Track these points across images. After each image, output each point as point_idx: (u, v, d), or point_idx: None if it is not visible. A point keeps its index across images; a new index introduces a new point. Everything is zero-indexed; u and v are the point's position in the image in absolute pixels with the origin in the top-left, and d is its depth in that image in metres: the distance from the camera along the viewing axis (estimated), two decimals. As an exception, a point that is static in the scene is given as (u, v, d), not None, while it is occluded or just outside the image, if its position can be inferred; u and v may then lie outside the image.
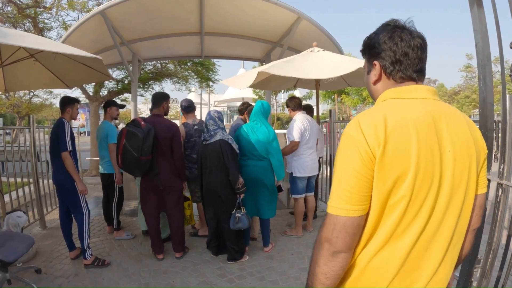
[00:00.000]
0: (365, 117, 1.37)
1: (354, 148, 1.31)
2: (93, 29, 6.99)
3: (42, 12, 11.15)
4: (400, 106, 1.40)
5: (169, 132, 4.85)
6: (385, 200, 1.31)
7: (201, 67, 14.32)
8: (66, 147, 4.59)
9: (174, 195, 5.04)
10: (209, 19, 7.67)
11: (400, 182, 1.29)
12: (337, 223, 1.32)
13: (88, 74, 5.62)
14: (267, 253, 5.29)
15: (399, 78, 1.47)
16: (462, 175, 1.38)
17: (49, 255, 5.25)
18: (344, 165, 1.33)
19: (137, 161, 4.59)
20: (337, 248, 1.33)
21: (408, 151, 1.28)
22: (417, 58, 1.45)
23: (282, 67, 5.53)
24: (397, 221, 1.32)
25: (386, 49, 1.46)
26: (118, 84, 13.42)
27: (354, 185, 1.30)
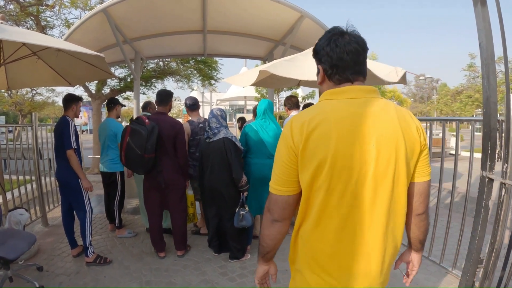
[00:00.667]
0: (297, 116, 1.66)
1: (284, 143, 1.65)
2: (96, 27, 6.98)
3: (44, 10, 11.18)
4: (329, 106, 1.63)
5: (173, 130, 4.84)
6: (309, 186, 1.60)
7: (204, 65, 14.30)
8: (70, 144, 4.59)
9: (177, 193, 5.02)
10: (211, 17, 7.65)
11: (319, 172, 1.56)
12: (272, 199, 1.73)
13: (91, 72, 5.60)
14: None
15: (336, 80, 1.67)
16: (387, 166, 1.56)
17: (51, 252, 5.25)
18: (276, 156, 1.71)
19: (141, 159, 4.59)
20: (274, 217, 1.74)
21: (326, 145, 1.53)
22: (352, 61, 1.63)
23: (284, 66, 5.47)
24: (322, 204, 1.59)
25: (324, 55, 1.67)
26: (120, 82, 13.40)
27: (283, 171, 1.67)
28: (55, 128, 4.88)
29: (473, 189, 4.14)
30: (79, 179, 4.75)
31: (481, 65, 3.35)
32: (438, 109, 31.04)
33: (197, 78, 15.62)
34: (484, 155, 3.41)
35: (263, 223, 1.81)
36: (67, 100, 4.90)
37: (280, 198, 1.70)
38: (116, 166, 5.90)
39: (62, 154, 4.69)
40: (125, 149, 4.67)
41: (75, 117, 4.96)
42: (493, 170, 3.39)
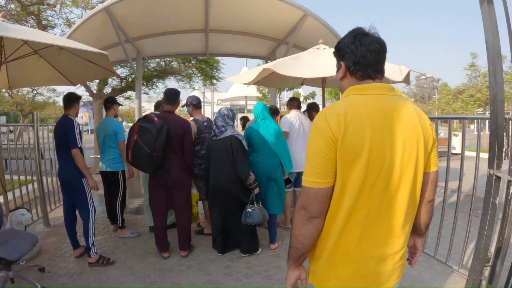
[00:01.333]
0: (330, 109, 1.68)
1: (321, 134, 1.64)
2: (98, 26, 6.95)
3: (45, 9, 11.15)
4: (359, 101, 1.70)
5: (181, 129, 4.83)
6: (347, 177, 1.62)
7: (205, 64, 14.28)
8: (76, 143, 4.56)
9: (183, 193, 5.00)
10: (214, 17, 7.62)
11: (356, 162, 1.60)
12: (310, 194, 1.67)
13: (93, 71, 5.58)
14: (274, 251, 5.25)
15: (359, 76, 1.77)
16: (410, 157, 1.69)
17: (53, 253, 5.21)
18: (314, 149, 1.67)
19: (149, 157, 4.56)
20: (311, 213, 1.68)
21: (363, 138, 1.59)
22: (374, 60, 1.75)
23: (288, 65, 5.43)
24: (357, 195, 1.63)
25: (348, 52, 1.76)
26: (122, 81, 13.38)
27: (322, 163, 1.63)
28: (56, 127, 4.84)
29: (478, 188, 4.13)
30: (83, 178, 4.72)
31: (487, 63, 3.33)
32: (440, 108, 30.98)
33: (198, 78, 15.60)
34: (491, 153, 3.38)
35: (296, 223, 1.74)
36: (69, 99, 4.86)
37: (321, 191, 1.66)
38: (118, 165, 5.88)
39: (64, 153, 4.67)
40: (133, 147, 4.62)
41: (76, 116, 4.93)
42: (500, 168, 3.36)
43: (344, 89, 1.84)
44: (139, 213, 7.05)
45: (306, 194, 1.69)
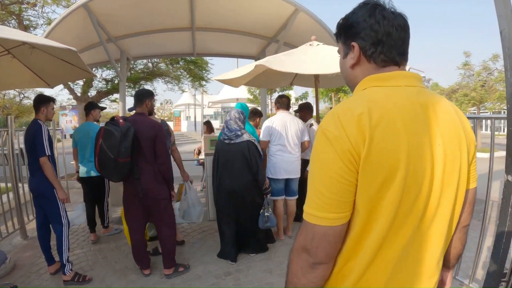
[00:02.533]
0: (344, 109, 1.21)
1: (334, 147, 1.15)
2: (77, 24, 6.58)
3: (26, 9, 10.81)
4: (384, 95, 1.24)
5: (151, 131, 4.34)
6: (372, 204, 1.16)
7: (194, 65, 14.00)
8: (44, 151, 4.16)
9: (159, 205, 4.49)
10: (200, 13, 7.26)
11: (388, 184, 1.14)
12: (316, 233, 1.19)
13: (69, 72, 5.22)
14: (266, 266, 4.85)
15: (381, 61, 1.32)
16: (453, 170, 1.26)
17: (28, 269, 4.81)
18: (323, 168, 1.18)
19: (114, 164, 4.11)
20: (317, 259, 1.21)
21: (397, 148, 1.14)
22: (401, 39, 1.31)
23: (281, 61, 5.18)
24: (386, 227, 1.17)
25: (366, 27, 1.30)
26: (107, 84, 13.16)
27: (336, 191, 1.15)
28: (26, 133, 4.45)
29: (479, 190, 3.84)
30: (54, 188, 4.32)
31: (503, 55, 3.03)
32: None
33: (187, 79, 15.33)
34: (509, 157, 3.04)
35: (294, 270, 1.29)
36: (35, 101, 4.49)
37: (332, 230, 1.17)
38: None
39: (35, 162, 4.28)
40: (98, 152, 4.20)
41: (47, 120, 4.57)
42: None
43: (355, 81, 1.39)
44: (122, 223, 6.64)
45: (310, 233, 1.20)
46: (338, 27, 1.43)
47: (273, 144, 5.59)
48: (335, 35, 1.47)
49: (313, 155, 1.23)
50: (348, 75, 1.43)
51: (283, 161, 5.55)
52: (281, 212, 5.74)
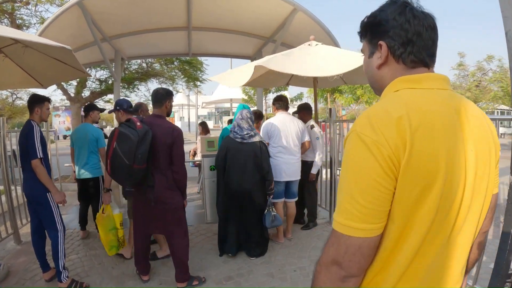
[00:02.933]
0: (380, 112, 1.14)
1: (373, 152, 1.07)
2: (71, 22, 6.42)
3: (19, 8, 10.62)
4: (419, 98, 1.18)
5: (169, 137, 4.01)
6: (410, 213, 1.10)
7: (189, 66, 13.86)
8: (36, 154, 3.98)
9: (174, 215, 4.18)
10: (196, 12, 7.11)
11: (427, 191, 1.08)
12: (350, 245, 1.10)
13: (63, 71, 5.08)
14: (267, 270, 4.74)
15: (410, 61, 1.26)
16: (483, 176, 1.21)
17: (22, 275, 4.65)
18: (360, 175, 1.09)
19: (128, 170, 3.74)
20: (350, 272, 1.12)
21: (436, 154, 1.08)
22: (431, 39, 1.26)
23: (281, 62, 5.07)
24: (423, 235, 1.12)
25: (396, 26, 1.25)
26: (101, 84, 12.99)
27: (373, 199, 1.07)
28: (20, 134, 4.27)
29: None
30: (48, 192, 4.14)
31: (508, 57, 2.95)
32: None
33: (181, 80, 15.19)
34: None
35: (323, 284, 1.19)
36: (29, 101, 4.34)
37: (368, 242, 1.10)
38: (99, 171, 5.70)
39: (27, 165, 4.10)
40: (111, 156, 3.83)
41: (42, 121, 4.44)
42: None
43: (382, 82, 1.34)
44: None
45: (343, 246, 1.11)
46: (363, 25, 1.38)
47: (273, 145, 5.49)
48: (359, 33, 1.41)
49: (346, 161, 1.15)
50: (374, 75, 1.37)
51: (284, 163, 5.46)
52: (281, 215, 5.62)
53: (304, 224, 6.37)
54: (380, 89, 1.36)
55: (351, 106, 19.04)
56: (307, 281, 4.41)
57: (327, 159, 6.75)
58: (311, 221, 6.31)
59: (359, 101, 16.81)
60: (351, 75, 7.00)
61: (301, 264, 4.85)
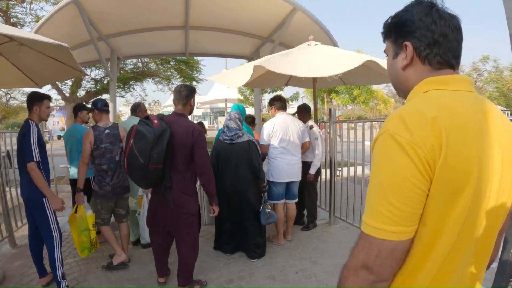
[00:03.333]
0: (412, 113, 1.11)
1: (408, 153, 1.04)
2: (67, 20, 6.33)
3: (14, 6, 10.50)
4: (450, 100, 1.16)
5: (189, 137, 3.81)
6: (443, 215, 1.07)
7: (185, 65, 13.79)
8: (31, 156, 3.77)
9: (186, 220, 3.98)
10: (195, 11, 7.05)
11: (459, 194, 1.06)
12: (383, 249, 1.07)
13: (59, 70, 4.97)
14: (268, 272, 4.65)
15: (436, 63, 1.24)
16: (508, 179, 1.18)
17: (18, 280, 4.52)
18: (395, 176, 1.05)
19: (144, 170, 3.60)
20: (380, 277, 1.09)
21: (469, 156, 1.06)
22: (456, 41, 1.24)
23: (280, 62, 5.02)
24: (454, 239, 1.10)
25: (422, 27, 1.23)
26: (96, 84, 12.90)
27: (409, 201, 1.04)
28: (18, 134, 4.05)
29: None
30: (44, 197, 3.94)
31: None
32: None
33: (177, 80, 15.13)
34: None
35: None
36: (28, 99, 4.14)
37: (401, 245, 1.07)
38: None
39: (23, 167, 3.89)
40: (128, 155, 3.68)
41: (41, 120, 4.24)
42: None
43: (407, 83, 1.31)
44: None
45: (375, 250, 1.08)
46: (387, 25, 1.37)
47: (274, 146, 5.41)
48: (383, 34, 1.40)
49: (378, 162, 1.11)
50: (399, 76, 1.35)
51: (285, 164, 5.39)
52: (281, 216, 5.56)
53: (303, 225, 6.30)
54: (405, 91, 1.34)
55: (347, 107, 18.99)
56: (309, 283, 4.36)
57: (326, 160, 6.68)
58: (311, 222, 6.26)
59: (356, 102, 16.76)
60: (350, 75, 6.96)
61: (302, 266, 4.78)
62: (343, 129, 6.82)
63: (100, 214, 4.76)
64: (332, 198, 6.38)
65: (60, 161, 8.58)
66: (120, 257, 4.79)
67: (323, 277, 4.46)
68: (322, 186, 6.98)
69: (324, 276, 4.49)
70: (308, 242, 5.63)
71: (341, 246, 5.38)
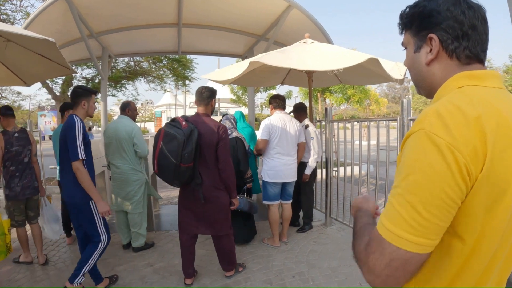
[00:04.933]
0: (452, 110, 0.97)
1: (446, 157, 0.91)
2: (57, 17, 6.14)
3: (4, 2, 10.36)
4: (489, 97, 1.02)
5: (214, 136, 4.07)
6: (481, 228, 0.96)
7: (178, 64, 13.65)
8: (77, 155, 3.66)
9: (220, 212, 4.25)
10: (188, 8, 6.89)
11: (498, 203, 0.94)
12: (396, 259, 0.95)
13: (47, 67, 4.83)
14: (265, 277, 4.52)
15: (465, 57, 1.12)
16: None
17: (6, 286, 4.37)
18: (426, 183, 0.92)
19: (176, 169, 3.82)
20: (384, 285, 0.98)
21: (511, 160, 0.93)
22: (485, 33, 1.13)
23: (277, 57, 4.93)
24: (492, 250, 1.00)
25: (449, 17, 1.11)
26: (88, 83, 12.76)
27: (438, 213, 0.92)
28: (61, 130, 3.91)
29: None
30: (90, 200, 3.82)
31: None
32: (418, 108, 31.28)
33: (170, 79, 15.00)
34: None
35: None
36: (75, 94, 4.02)
37: (417, 258, 0.96)
38: None
39: (67, 166, 3.78)
40: (158, 156, 3.90)
41: (87, 116, 4.13)
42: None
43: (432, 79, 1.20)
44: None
45: (387, 257, 0.97)
46: (408, 15, 1.24)
47: (272, 146, 5.31)
48: (401, 25, 1.28)
49: (409, 163, 0.99)
50: (423, 72, 1.22)
51: (281, 164, 5.29)
52: (277, 218, 5.48)
53: (299, 226, 6.18)
54: (428, 88, 1.24)
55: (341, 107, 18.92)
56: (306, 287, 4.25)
57: (322, 160, 6.57)
58: (307, 224, 6.16)
59: (350, 101, 16.69)
60: (346, 74, 6.87)
61: (299, 270, 4.66)
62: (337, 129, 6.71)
63: (14, 216, 4.76)
64: (328, 199, 6.27)
65: (50, 162, 8.41)
66: (27, 258, 4.93)
67: (321, 281, 4.34)
68: (318, 187, 6.87)
69: (321, 279, 4.38)
70: (304, 244, 5.51)
71: (339, 248, 5.28)
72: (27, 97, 27.74)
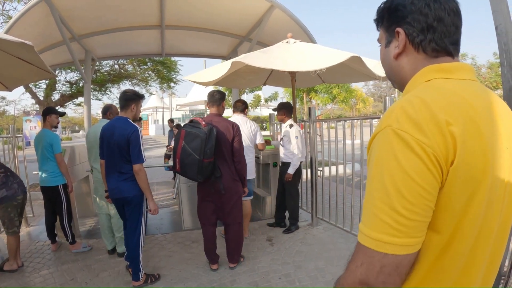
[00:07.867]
0: (418, 105, 0.97)
1: (417, 152, 0.90)
2: (39, 20, 6.11)
3: (-15, 7, 10.22)
4: (457, 89, 1.03)
5: (229, 132, 4.56)
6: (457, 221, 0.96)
7: (162, 66, 13.61)
8: (141, 158, 4.05)
9: (233, 200, 4.65)
10: (170, 10, 6.88)
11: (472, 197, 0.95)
12: (387, 264, 0.92)
13: (27, 71, 4.78)
14: (250, 279, 4.50)
15: (431, 50, 1.13)
16: None
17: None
18: (402, 180, 0.91)
19: (199, 164, 4.21)
20: None
21: (484, 152, 0.95)
22: (454, 25, 1.12)
23: (259, 58, 4.96)
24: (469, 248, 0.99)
25: (414, 11, 1.13)
26: (72, 87, 12.62)
27: (418, 209, 0.90)
28: (105, 130, 4.23)
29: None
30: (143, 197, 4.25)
31: (499, 51, 2.92)
32: (404, 107, 31.61)
33: (155, 81, 14.95)
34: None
35: None
36: (125, 98, 4.25)
37: (407, 259, 0.93)
38: (58, 179, 5.30)
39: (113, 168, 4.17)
40: (180, 154, 4.28)
41: (134, 120, 4.37)
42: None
43: (401, 74, 1.21)
44: (93, 237, 6.11)
45: (377, 265, 0.93)
46: (379, 12, 1.26)
47: None
48: (375, 21, 1.29)
49: (380, 163, 0.96)
50: (392, 66, 1.24)
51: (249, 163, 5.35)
52: (249, 212, 5.81)
53: (285, 227, 6.17)
54: (399, 82, 1.24)
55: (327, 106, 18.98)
56: (293, 288, 4.25)
57: (307, 160, 6.57)
58: (293, 224, 6.14)
59: (336, 101, 16.75)
60: (329, 73, 6.88)
61: (285, 271, 4.64)
62: (323, 129, 6.72)
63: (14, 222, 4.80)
64: (314, 199, 6.27)
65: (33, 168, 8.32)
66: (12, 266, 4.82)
67: (307, 282, 4.33)
68: (303, 187, 6.88)
69: (308, 281, 4.36)
70: (290, 245, 5.50)
71: (325, 248, 5.27)
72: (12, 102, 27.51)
